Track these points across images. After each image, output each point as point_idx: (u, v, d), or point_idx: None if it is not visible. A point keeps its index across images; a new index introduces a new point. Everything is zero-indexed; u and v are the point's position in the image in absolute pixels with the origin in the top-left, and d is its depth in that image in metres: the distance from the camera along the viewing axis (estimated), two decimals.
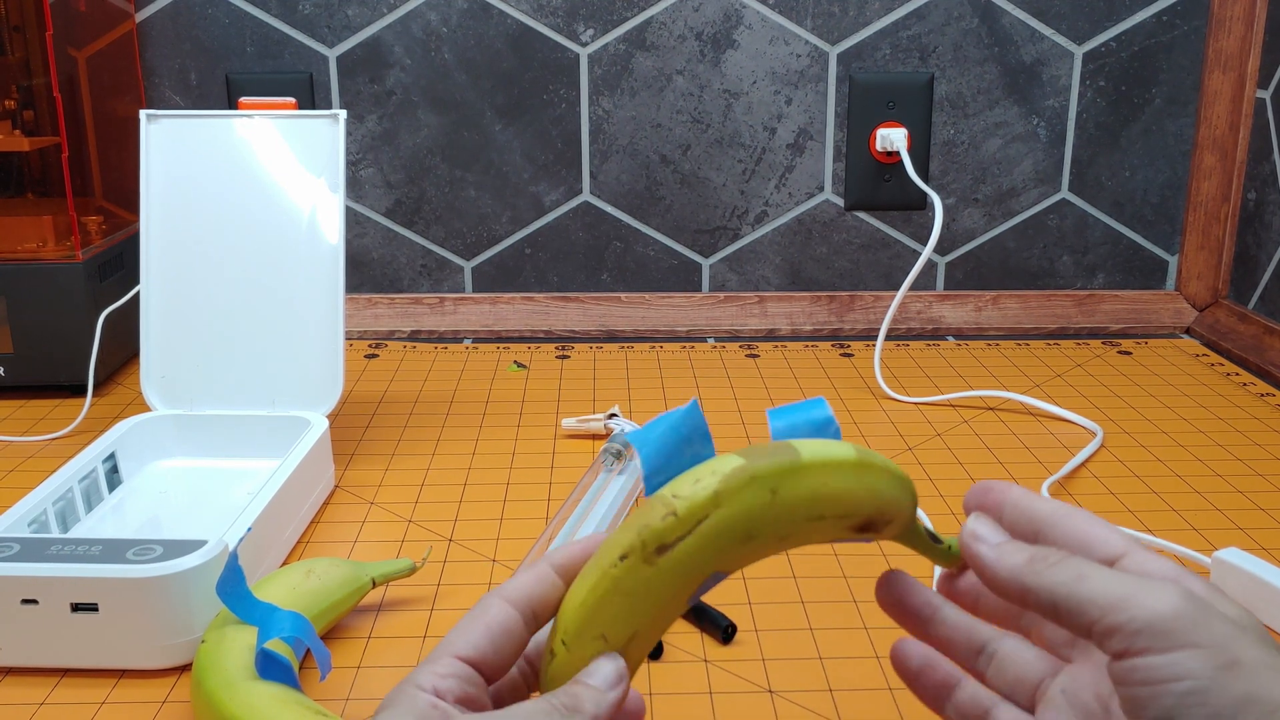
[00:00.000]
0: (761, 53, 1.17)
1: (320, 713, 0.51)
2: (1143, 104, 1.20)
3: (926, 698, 0.43)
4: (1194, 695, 0.30)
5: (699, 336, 1.21)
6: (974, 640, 0.42)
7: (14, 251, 0.98)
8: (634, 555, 0.38)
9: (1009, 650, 0.41)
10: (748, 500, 0.37)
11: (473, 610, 0.39)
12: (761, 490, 0.37)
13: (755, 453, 0.38)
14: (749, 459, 0.37)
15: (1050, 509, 0.39)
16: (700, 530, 0.37)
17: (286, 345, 0.83)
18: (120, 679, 0.59)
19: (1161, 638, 0.31)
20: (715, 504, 0.37)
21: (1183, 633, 0.31)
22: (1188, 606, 0.31)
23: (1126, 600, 0.32)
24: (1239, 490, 0.81)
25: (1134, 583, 0.33)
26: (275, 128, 0.85)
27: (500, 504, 0.80)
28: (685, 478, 0.38)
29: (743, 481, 0.37)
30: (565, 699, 0.37)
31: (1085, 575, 0.34)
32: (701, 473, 0.37)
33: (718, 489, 0.37)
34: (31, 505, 0.67)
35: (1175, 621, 0.31)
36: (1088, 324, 1.23)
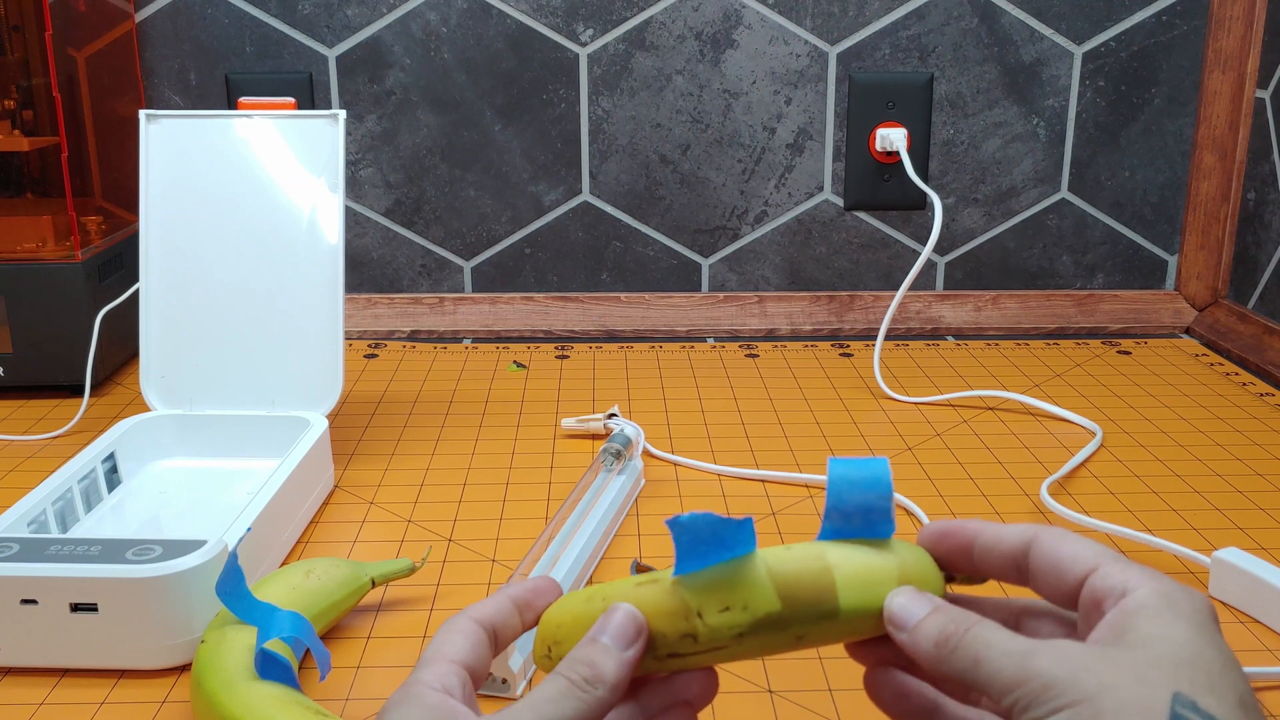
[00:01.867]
0: (761, 53, 1.17)
1: (320, 713, 0.51)
2: (1142, 104, 1.20)
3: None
4: None
5: (699, 336, 1.21)
6: None
7: (13, 251, 0.98)
8: (645, 656, 0.38)
9: None
10: (769, 642, 0.37)
11: (445, 627, 0.39)
12: (787, 637, 0.37)
13: (793, 594, 0.37)
14: (786, 603, 0.37)
15: (1020, 538, 0.38)
16: (715, 654, 0.38)
17: (286, 345, 0.83)
18: (120, 679, 0.59)
19: (1042, 706, 0.32)
20: (737, 642, 0.37)
21: (1056, 697, 0.32)
22: (1061, 670, 0.32)
23: (1014, 681, 0.33)
24: (1239, 490, 0.81)
25: (1021, 656, 0.33)
26: (275, 128, 0.85)
27: (500, 504, 0.80)
28: (715, 595, 0.37)
29: (770, 627, 0.37)
30: (583, 670, 0.36)
31: (979, 659, 0.34)
32: (734, 600, 0.37)
33: (743, 631, 0.37)
34: (31, 505, 0.67)
35: (1049, 690, 0.32)
36: (1087, 324, 1.23)
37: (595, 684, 0.36)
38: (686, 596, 0.37)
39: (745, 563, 0.37)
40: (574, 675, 0.36)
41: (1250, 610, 0.64)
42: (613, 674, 0.36)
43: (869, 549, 0.38)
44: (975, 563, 0.39)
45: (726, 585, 0.37)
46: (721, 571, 0.37)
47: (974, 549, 0.39)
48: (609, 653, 0.37)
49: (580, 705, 0.35)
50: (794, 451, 0.88)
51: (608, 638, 0.37)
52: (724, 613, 0.37)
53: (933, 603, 0.37)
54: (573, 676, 0.36)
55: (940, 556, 0.40)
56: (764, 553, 0.38)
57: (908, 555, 0.38)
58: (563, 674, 0.36)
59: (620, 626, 0.37)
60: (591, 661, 0.36)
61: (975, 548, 0.39)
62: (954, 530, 0.39)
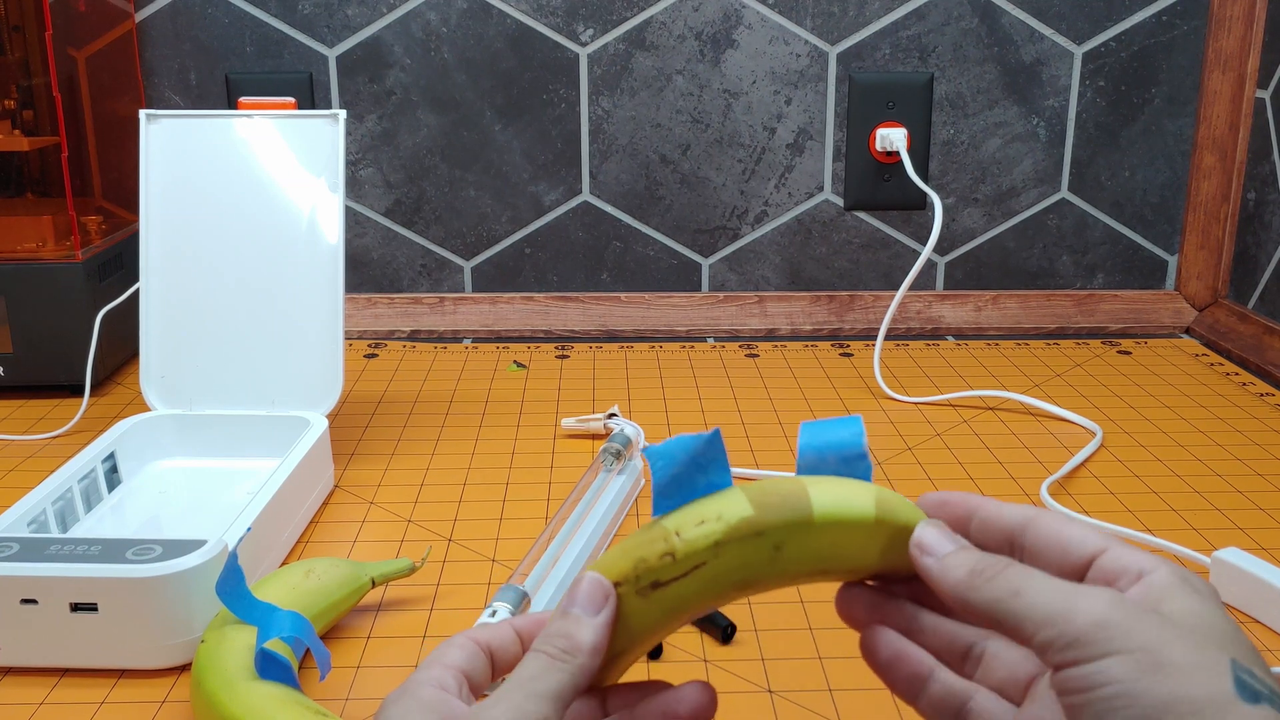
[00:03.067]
0: (761, 52, 1.17)
1: (320, 713, 0.51)
2: (1142, 104, 1.20)
3: (900, 690, 0.40)
4: (1120, 699, 0.31)
5: (699, 336, 1.21)
6: (957, 644, 0.40)
7: (13, 251, 0.98)
8: (627, 585, 0.37)
9: (996, 650, 0.40)
10: (749, 554, 0.36)
11: (443, 643, 0.40)
12: (765, 546, 0.36)
13: (766, 500, 0.37)
14: (759, 508, 0.36)
15: (1020, 516, 0.38)
16: (697, 575, 0.37)
17: (286, 345, 0.83)
18: (120, 679, 0.59)
19: (1089, 646, 0.31)
20: (714, 554, 0.36)
21: (1108, 640, 0.31)
22: (1113, 613, 0.32)
23: (1055, 615, 0.32)
24: (1239, 490, 0.81)
25: (1066, 594, 0.33)
26: (275, 127, 0.85)
27: (500, 504, 0.80)
28: (691, 514, 0.37)
29: (747, 534, 0.36)
30: (559, 642, 0.37)
31: (1020, 590, 0.34)
32: (708, 513, 0.37)
33: (720, 539, 0.36)
34: (31, 505, 0.67)
35: (1101, 630, 0.32)
36: (1087, 324, 1.23)
37: (574, 653, 0.36)
38: (665, 522, 0.37)
39: (722, 491, 0.38)
40: (551, 649, 0.37)
41: (1250, 610, 0.64)
42: (589, 640, 0.37)
43: (846, 479, 0.38)
44: (972, 535, 0.38)
45: (703, 505, 0.37)
46: (700, 500, 0.38)
47: (973, 522, 0.38)
48: (580, 621, 0.37)
49: (564, 676, 0.36)
50: (794, 451, 0.88)
51: (577, 608, 0.37)
52: (700, 526, 0.37)
53: (963, 543, 0.37)
54: (550, 650, 0.37)
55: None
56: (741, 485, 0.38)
57: (887, 492, 0.38)
58: (541, 650, 0.37)
59: (588, 594, 0.38)
60: (566, 633, 0.37)
61: (975, 520, 0.38)
62: (954, 501, 0.39)
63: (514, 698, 0.35)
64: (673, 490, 0.38)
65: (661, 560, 0.37)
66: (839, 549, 0.37)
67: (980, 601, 0.35)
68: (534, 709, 0.35)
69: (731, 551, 0.36)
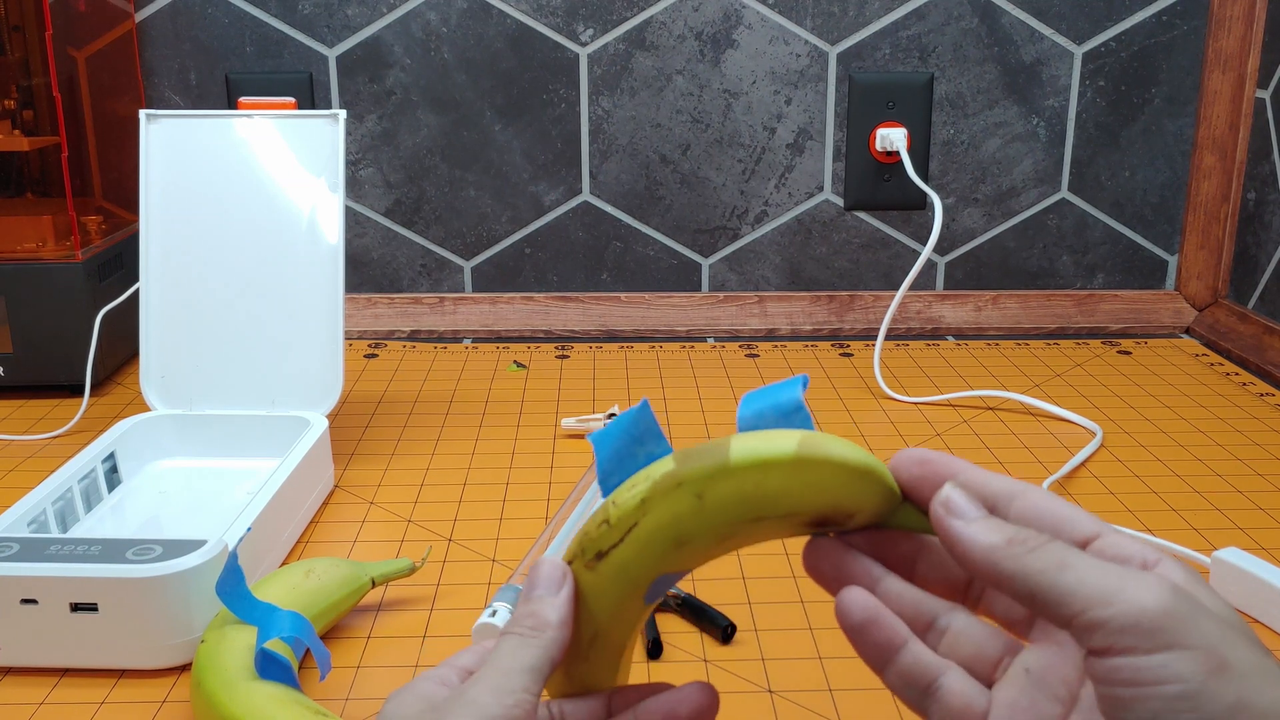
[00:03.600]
0: (761, 52, 1.17)
1: (320, 713, 0.51)
2: (1142, 104, 1.20)
3: (868, 657, 0.38)
4: (1184, 700, 0.29)
5: (699, 336, 1.21)
6: (922, 614, 0.38)
7: (13, 251, 0.98)
8: (577, 561, 0.39)
9: (962, 626, 0.38)
10: (674, 506, 0.36)
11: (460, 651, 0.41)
12: (687, 495, 0.36)
13: (687, 455, 0.37)
14: (679, 462, 0.37)
15: (1008, 486, 0.36)
16: (632, 537, 0.37)
17: (286, 345, 0.83)
18: (120, 679, 0.59)
19: (1149, 636, 0.29)
20: (643, 511, 0.37)
21: (1171, 632, 0.29)
22: (1178, 604, 0.30)
23: (1112, 594, 0.30)
24: (1239, 490, 0.81)
25: (1120, 575, 0.31)
26: (275, 127, 0.85)
27: (500, 504, 0.80)
28: (626, 484, 0.38)
29: (668, 487, 0.36)
30: (528, 621, 0.38)
31: (1068, 564, 0.31)
32: (639, 478, 0.37)
33: (645, 496, 0.37)
34: (31, 505, 0.67)
35: (1164, 619, 0.29)
36: (1087, 324, 1.23)
37: (542, 629, 0.38)
38: (606, 500, 0.38)
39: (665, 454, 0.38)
40: (521, 629, 0.38)
41: (1250, 610, 0.64)
42: (554, 616, 0.38)
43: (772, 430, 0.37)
44: None
45: (638, 473, 0.38)
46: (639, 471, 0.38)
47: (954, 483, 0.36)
48: (544, 600, 0.38)
49: (538, 650, 0.37)
50: None
51: (539, 589, 0.39)
52: (631, 490, 0.37)
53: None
54: (520, 630, 0.38)
55: (910, 482, 0.37)
56: None
57: (819, 434, 0.36)
58: (511, 631, 0.38)
59: (546, 576, 0.39)
60: (531, 613, 0.38)
61: (956, 483, 0.36)
62: (935, 460, 0.37)
63: (493, 676, 0.36)
64: (615, 469, 0.39)
65: (599, 529, 0.38)
66: (763, 491, 0.36)
67: (1017, 571, 0.32)
68: (513, 683, 0.36)
69: (658, 507, 0.37)
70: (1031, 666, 0.36)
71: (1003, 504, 0.35)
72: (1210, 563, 0.66)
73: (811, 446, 0.36)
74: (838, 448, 0.36)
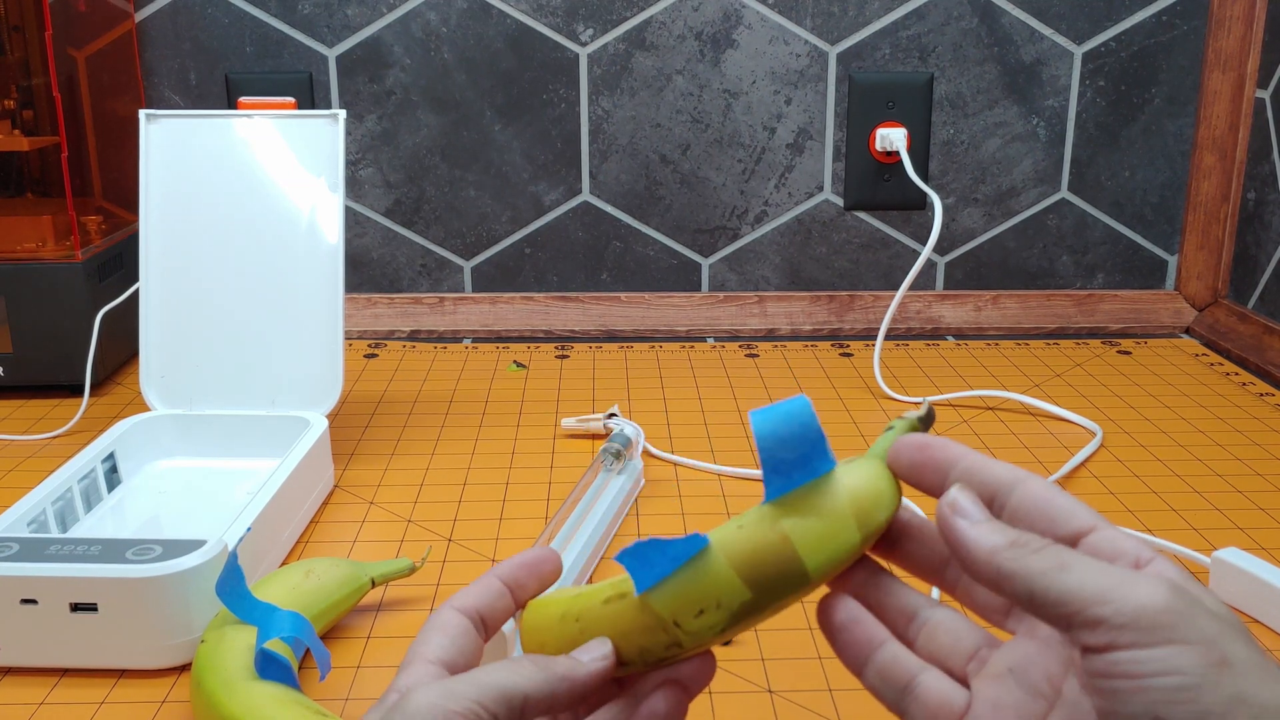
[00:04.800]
0: (761, 52, 1.17)
1: (320, 713, 0.51)
2: (1142, 104, 1.20)
3: (847, 657, 0.39)
4: (1183, 692, 0.29)
5: (699, 336, 1.21)
6: (906, 608, 0.39)
7: (13, 251, 0.98)
8: (633, 665, 0.39)
9: (941, 619, 0.39)
10: (751, 622, 0.38)
11: (428, 622, 0.40)
12: (767, 613, 0.38)
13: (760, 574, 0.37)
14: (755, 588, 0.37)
15: (1009, 475, 0.36)
16: (702, 649, 0.39)
17: (286, 345, 0.83)
18: (120, 679, 0.59)
19: (1148, 632, 0.30)
20: (721, 635, 0.38)
21: (1171, 627, 0.30)
22: (1177, 600, 0.30)
23: (1111, 592, 0.31)
24: (1239, 490, 0.81)
25: (1119, 575, 0.31)
26: (275, 127, 0.85)
27: (500, 504, 0.80)
28: (687, 603, 0.37)
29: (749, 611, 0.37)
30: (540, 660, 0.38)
31: (1068, 565, 0.32)
32: (704, 599, 0.37)
33: (724, 627, 0.37)
34: (31, 505, 0.67)
35: (1163, 615, 0.30)
36: (1087, 324, 1.23)
37: (544, 670, 0.38)
38: (659, 609, 0.37)
39: (703, 560, 0.37)
40: (524, 661, 0.38)
41: (1250, 610, 0.64)
42: (560, 667, 0.38)
43: (817, 497, 0.37)
44: (950, 483, 0.37)
45: (694, 588, 0.37)
46: (684, 576, 0.37)
47: (953, 471, 0.37)
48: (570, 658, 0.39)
49: (520, 679, 0.37)
50: None
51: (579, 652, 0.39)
52: (700, 616, 0.37)
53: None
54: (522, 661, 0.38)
55: (909, 469, 0.38)
56: (718, 540, 0.37)
57: (856, 482, 0.37)
58: (519, 657, 0.39)
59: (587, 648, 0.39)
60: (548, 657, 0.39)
61: (956, 470, 0.37)
62: (935, 446, 0.37)
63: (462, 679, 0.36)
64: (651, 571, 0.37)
65: (669, 650, 0.38)
66: (834, 573, 0.38)
67: (1019, 571, 0.33)
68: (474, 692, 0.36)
69: (735, 629, 0.38)
70: (1014, 665, 0.36)
71: (1003, 493, 0.36)
72: (1210, 563, 0.66)
73: (868, 522, 0.37)
74: (883, 507, 0.37)
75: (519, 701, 0.36)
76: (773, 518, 0.37)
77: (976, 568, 0.34)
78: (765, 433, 0.37)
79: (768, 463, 0.37)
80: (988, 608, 0.39)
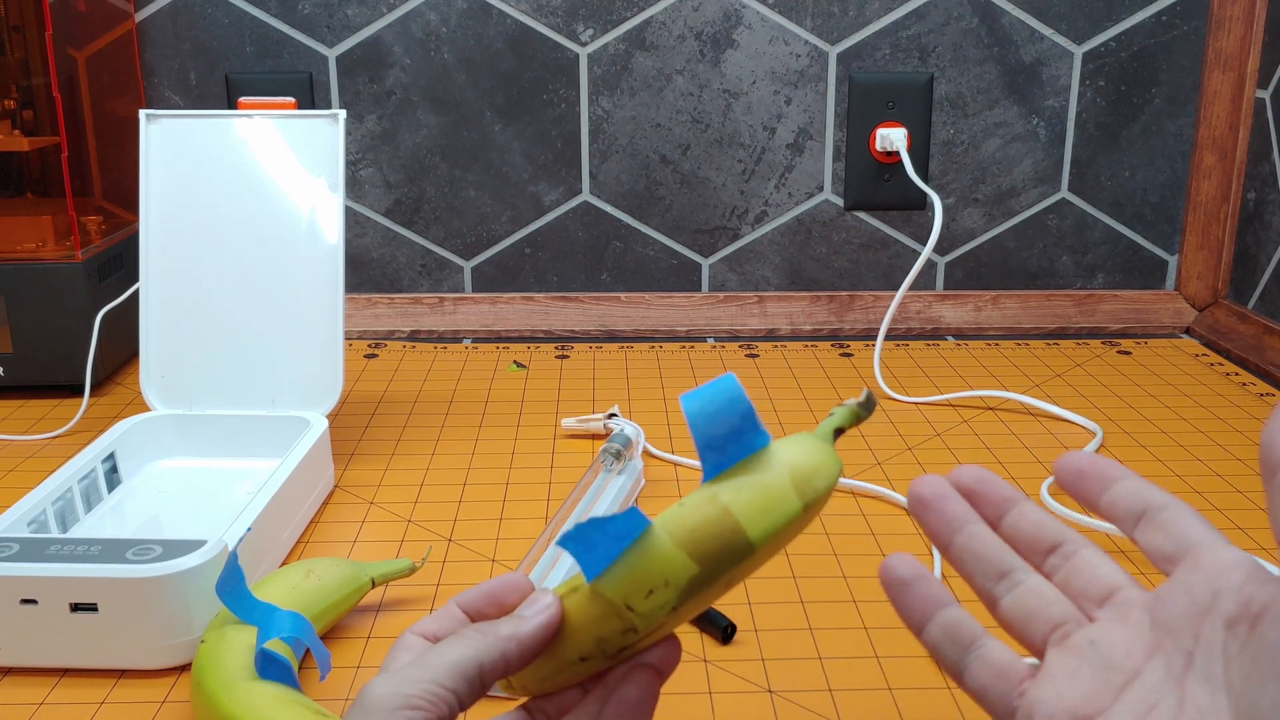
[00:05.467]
0: (761, 53, 1.17)
1: (320, 713, 0.51)
2: (1142, 104, 1.20)
3: (909, 613, 0.40)
4: None
5: (699, 336, 1.21)
6: (1000, 565, 0.39)
7: (13, 251, 0.98)
8: (594, 660, 0.39)
9: (1037, 584, 0.39)
10: (703, 598, 0.38)
11: (393, 648, 0.40)
12: (717, 587, 0.38)
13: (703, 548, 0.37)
14: (701, 562, 0.37)
15: (1165, 499, 0.38)
16: (659, 632, 0.39)
17: (286, 345, 0.83)
18: (120, 679, 0.59)
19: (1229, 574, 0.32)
20: (673, 614, 0.38)
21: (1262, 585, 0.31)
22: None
23: None
24: (1239, 490, 0.81)
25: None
26: (275, 127, 0.85)
27: (500, 504, 0.80)
28: (636, 585, 0.37)
29: (698, 586, 0.37)
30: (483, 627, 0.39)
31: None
32: (653, 579, 0.37)
33: (675, 604, 0.37)
34: (31, 505, 0.67)
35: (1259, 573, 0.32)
36: (1087, 324, 1.23)
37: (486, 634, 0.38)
38: (610, 594, 0.37)
39: (648, 540, 0.37)
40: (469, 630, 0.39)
41: None
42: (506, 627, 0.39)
43: (755, 470, 0.38)
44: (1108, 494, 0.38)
45: (641, 569, 0.37)
46: (630, 558, 0.37)
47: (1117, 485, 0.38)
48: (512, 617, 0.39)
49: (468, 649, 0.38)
50: None
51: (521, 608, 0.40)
52: (650, 596, 0.37)
53: None
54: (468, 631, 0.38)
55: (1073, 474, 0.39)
56: (660, 520, 0.38)
57: (794, 455, 0.38)
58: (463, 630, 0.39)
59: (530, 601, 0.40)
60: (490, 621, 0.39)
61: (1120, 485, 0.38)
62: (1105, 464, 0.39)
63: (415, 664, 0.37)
64: (597, 556, 0.38)
65: (625, 637, 0.38)
66: (780, 547, 0.38)
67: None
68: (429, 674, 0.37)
69: (687, 606, 0.38)
70: (1097, 639, 0.37)
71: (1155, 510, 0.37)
72: None
73: (808, 491, 0.37)
74: (822, 475, 0.38)
75: (474, 672, 0.37)
76: (712, 493, 0.38)
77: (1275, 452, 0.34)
78: (695, 410, 0.37)
79: (701, 441, 0.38)
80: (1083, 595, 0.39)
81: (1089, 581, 0.38)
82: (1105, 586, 0.38)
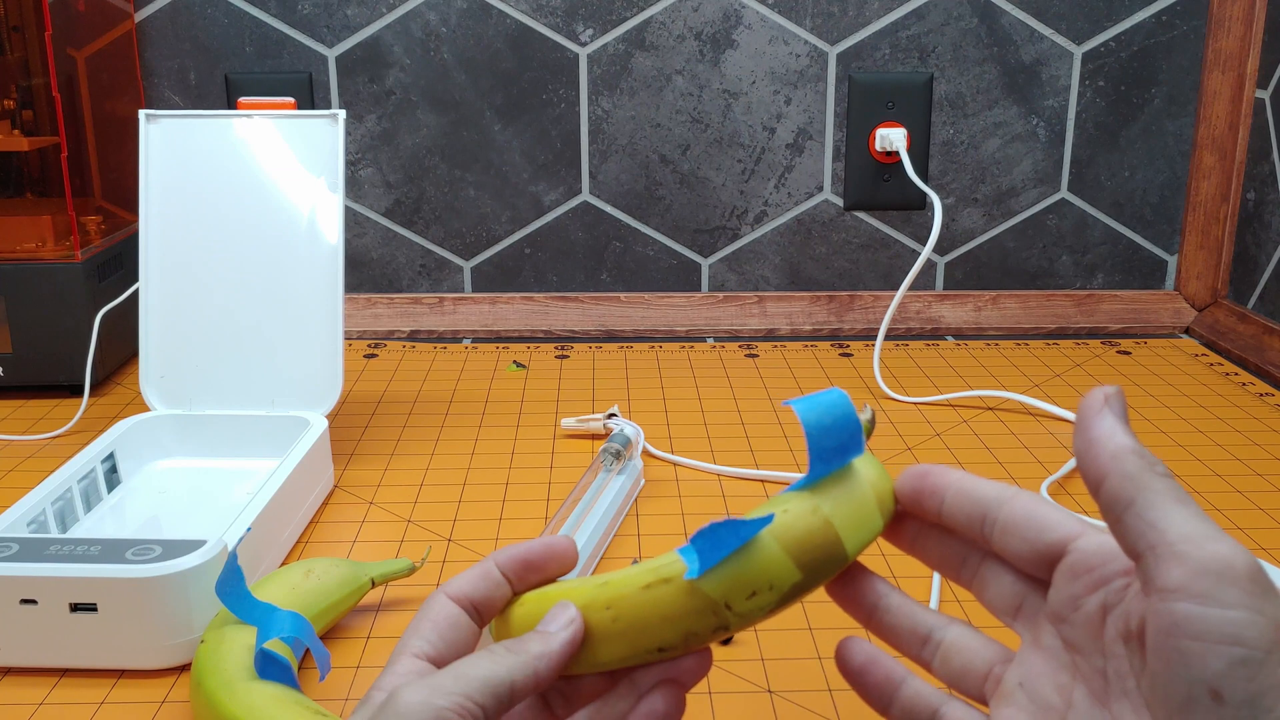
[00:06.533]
0: (761, 53, 1.17)
1: (319, 713, 0.51)
2: (1142, 104, 1.20)
3: (871, 698, 0.41)
4: (1244, 667, 0.29)
5: (698, 336, 1.21)
6: (919, 628, 0.41)
7: (13, 251, 0.97)
8: (672, 650, 0.39)
9: (955, 637, 0.40)
10: (793, 603, 0.39)
11: (421, 609, 0.40)
12: (808, 593, 0.39)
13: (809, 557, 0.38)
14: (805, 570, 0.38)
15: (996, 491, 0.38)
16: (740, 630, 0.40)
17: (286, 345, 0.83)
18: (119, 679, 0.59)
19: (1223, 589, 0.30)
20: (767, 615, 0.39)
21: (1249, 595, 0.30)
22: (1260, 573, 0.30)
23: (1203, 539, 0.31)
24: (1239, 490, 0.81)
25: (1214, 530, 0.31)
26: (274, 127, 0.85)
27: (499, 504, 0.80)
28: (739, 586, 0.38)
29: (797, 592, 0.38)
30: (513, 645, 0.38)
31: (1181, 500, 0.32)
32: (757, 581, 0.38)
33: (774, 607, 0.38)
34: (30, 505, 0.67)
35: (1242, 579, 0.30)
36: (1087, 324, 1.23)
37: (518, 653, 0.38)
38: (711, 592, 0.38)
39: (757, 544, 0.38)
40: (501, 648, 0.38)
41: None
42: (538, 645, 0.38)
43: (847, 485, 0.39)
44: (946, 505, 0.39)
45: (749, 571, 0.38)
46: (740, 559, 0.38)
47: (948, 493, 0.39)
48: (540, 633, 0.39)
49: (500, 668, 0.37)
50: (793, 451, 0.88)
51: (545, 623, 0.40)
52: (752, 598, 0.38)
53: None
54: (499, 650, 0.38)
55: (910, 494, 0.40)
56: (769, 528, 0.39)
57: (873, 473, 0.40)
58: (494, 648, 0.38)
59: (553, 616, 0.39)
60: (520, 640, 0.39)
61: (950, 492, 0.39)
62: (934, 473, 0.40)
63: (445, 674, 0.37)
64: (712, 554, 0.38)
65: (715, 633, 0.39)
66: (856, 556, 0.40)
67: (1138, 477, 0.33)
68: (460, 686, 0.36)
69: (780, 609, 0.39)
70: (1024, 680, 0.37)
71: (993, 508, 0.38)
72: None
73: (886, 509, 0.40)
74: (891, 497, 0.40)
75: (505, 691, 0.37)
76: (814, 504, 0.39)
77: (1100, 461, 0.34)
78: (812, 422, 0.39)
79: (814, 451, 0.39)
80: (998, 605, 0.40)
81: (995, 595, 0.40)
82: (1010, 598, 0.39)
